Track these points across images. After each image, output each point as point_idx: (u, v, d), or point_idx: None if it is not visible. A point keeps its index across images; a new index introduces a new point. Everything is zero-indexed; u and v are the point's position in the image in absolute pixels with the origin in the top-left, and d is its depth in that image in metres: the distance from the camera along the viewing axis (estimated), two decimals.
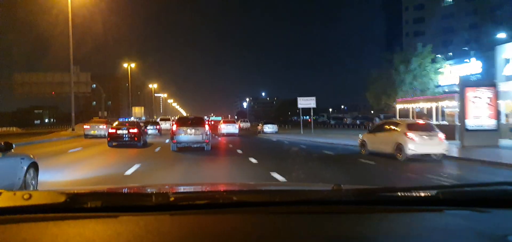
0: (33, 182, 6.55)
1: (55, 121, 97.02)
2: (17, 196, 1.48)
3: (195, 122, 15.82)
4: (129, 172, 9.61)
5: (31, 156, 6.66)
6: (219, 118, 66.11)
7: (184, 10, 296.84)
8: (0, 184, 5.42)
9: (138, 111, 61.58)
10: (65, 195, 1.54)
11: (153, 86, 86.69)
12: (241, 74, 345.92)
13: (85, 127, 26.45)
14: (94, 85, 45.86)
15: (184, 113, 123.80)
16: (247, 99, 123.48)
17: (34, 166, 6.64)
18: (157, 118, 58.38)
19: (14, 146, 6.08)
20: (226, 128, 29.98)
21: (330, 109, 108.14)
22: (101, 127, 25.19)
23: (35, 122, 53.21)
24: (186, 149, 15.39)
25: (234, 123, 32.96)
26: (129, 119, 39.80)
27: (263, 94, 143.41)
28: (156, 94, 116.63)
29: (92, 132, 25.25)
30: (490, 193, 1.45)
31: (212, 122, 66.55)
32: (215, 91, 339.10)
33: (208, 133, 15.55)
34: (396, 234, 1.21)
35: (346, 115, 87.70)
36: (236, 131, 29.86)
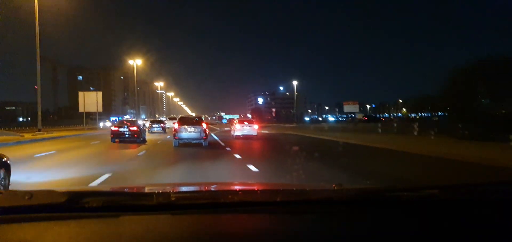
0: (4, 183, 6.72)
1: (30, 119, 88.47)
2: (18, 195, 1.47)
3: (195, 121, 19.07)
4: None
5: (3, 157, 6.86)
6: (236, 116, 62.12)
7: (190, 5, 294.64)
8: None
9: (90, 102, 38.07)
10: (66, 194, 1.51)
11: (136, 62, 64.27)
12: (251, 70, 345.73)
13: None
14: None
15: (190, 113, 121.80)
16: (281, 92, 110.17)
17: (5, 166, 6.80)
18: (160, 118, 63.79)
19: None
20: (241, 130, 26.81)
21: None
22: None
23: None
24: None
25: (252, 122, 28.86)
26: (123, 118, 42.79)
27: (281, 88, 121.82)
28: (157, 91, 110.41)
29: None
30: (488, 192, 1.50)
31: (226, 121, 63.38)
32: (225, 89, 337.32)
33: (206, 131, 18.65)
34: (398, 233, 1.24)
35: None
36: (254, 133, 26.72)
